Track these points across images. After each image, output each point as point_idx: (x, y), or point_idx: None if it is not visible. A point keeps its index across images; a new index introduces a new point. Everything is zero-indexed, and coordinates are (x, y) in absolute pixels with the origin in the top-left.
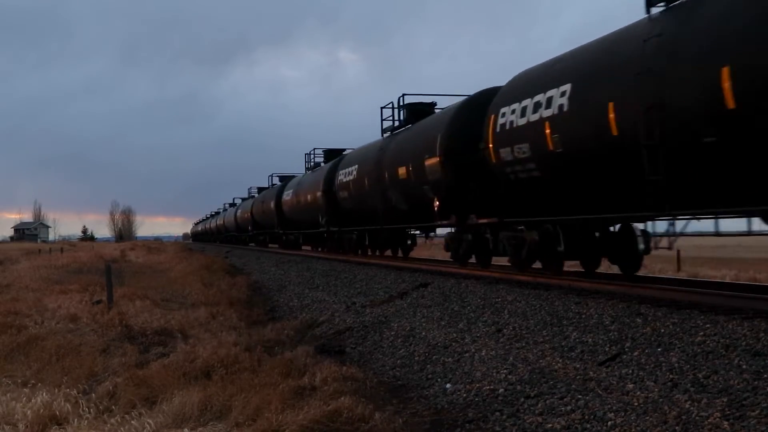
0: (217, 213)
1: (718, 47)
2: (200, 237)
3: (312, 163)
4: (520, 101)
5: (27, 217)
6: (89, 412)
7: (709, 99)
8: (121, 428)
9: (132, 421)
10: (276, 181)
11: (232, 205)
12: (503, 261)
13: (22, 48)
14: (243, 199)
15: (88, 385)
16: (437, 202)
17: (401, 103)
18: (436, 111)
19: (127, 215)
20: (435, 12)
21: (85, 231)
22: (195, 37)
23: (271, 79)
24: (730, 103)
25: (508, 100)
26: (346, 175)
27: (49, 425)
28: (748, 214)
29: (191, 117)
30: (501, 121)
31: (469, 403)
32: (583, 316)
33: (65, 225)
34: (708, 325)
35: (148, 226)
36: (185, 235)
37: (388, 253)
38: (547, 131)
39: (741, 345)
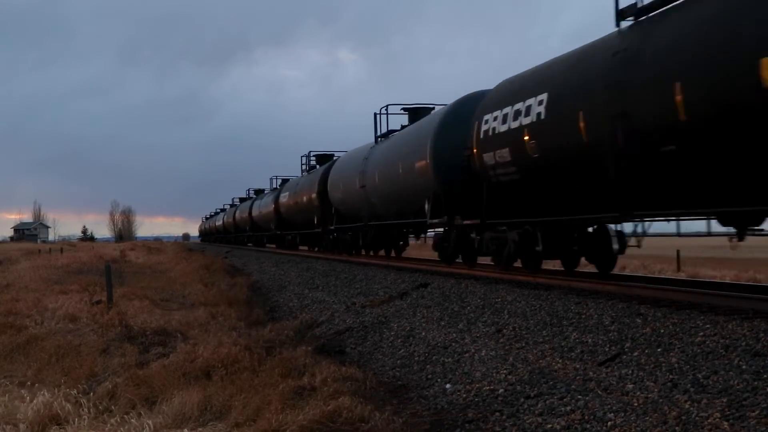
0: (222, 210)
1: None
2: (211, 236)
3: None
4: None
5: (27, 217)
6: (89, 412)
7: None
8: (121, 428)
9: (132, 421)
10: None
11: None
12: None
13: (22, 48)
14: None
15: (88, 385)
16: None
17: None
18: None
19: (127, 215)
20: (435, 12)
21: (84, 231)
22: (195, 37)
23: (270, 79)
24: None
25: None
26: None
27: (49, 425)
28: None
29: (191, 117)
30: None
31: (469, 404)
32: (583, 316)
33: (65, 225)
34: (708, 326)
35: (148, 227)
36: (185, 235)
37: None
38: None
39: (741, 345)
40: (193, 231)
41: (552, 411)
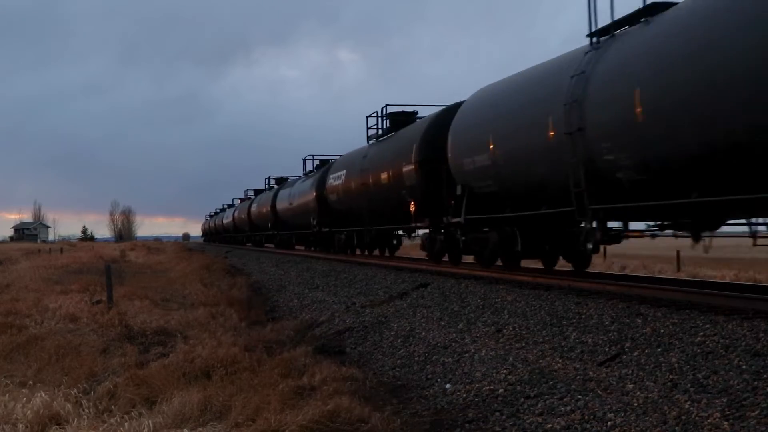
0: (231, 206)
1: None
2: (218, 236)
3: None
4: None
5: (27, 217)
6: (89, 412)
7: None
8: (121, 428)
9: (132, 421)
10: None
11: (245, 199)
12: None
13: (21, 47)
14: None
15: (88, 385)
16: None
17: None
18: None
19: (127, 215)
20: (435, 12)
21: (84, 231)
22: (195, 37)
23: (270, 79)
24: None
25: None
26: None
27: (48, 425)
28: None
29: (191, 117)
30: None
31: (469, 404)
32: (583, 316)
33: (65, 225)
34: (708, 326)
35: (148, 227)
36: (185, 235)
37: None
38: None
39: (741, 345)
40: (193, 231)
41: (552, 411)
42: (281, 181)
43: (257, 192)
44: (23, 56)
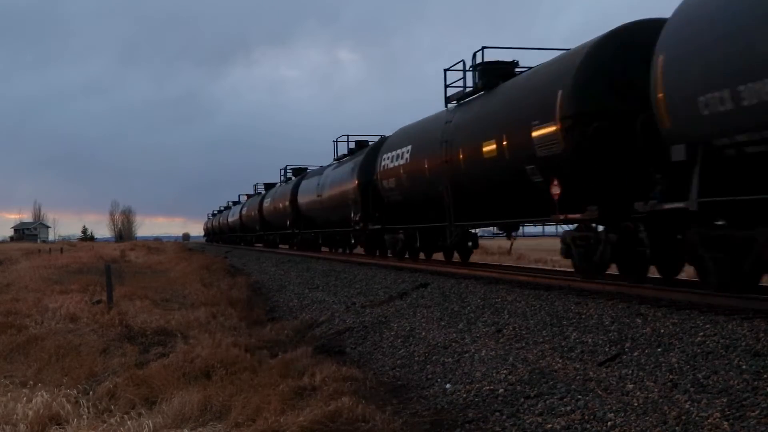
0: (236, 203)
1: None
2: (222, 236)
3: (285, 177)
4: (392, 151)
5: (27, 217)
6: (89, 412)
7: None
8: (121, 428)
9: (132, 421)
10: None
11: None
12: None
13: (21, 47)
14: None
15: (88, 385)
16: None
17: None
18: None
19: (127, 215)
20: (435, 12)
21: (84, 231)
22: (195, 37)
23: (270, 79)
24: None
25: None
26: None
27: (48, 425)
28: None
29: (191, 117)
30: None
31: (469, 404)
32: (583, 316)
33: (65, 225)
34: (708, 326)
35: (148, 227)
36: (185, 235)
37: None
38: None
39: (741, 345)
40: (193, 231)
41: (552, 411)
42: (299, 172)
43: (269, 186)
44: (23, 56)
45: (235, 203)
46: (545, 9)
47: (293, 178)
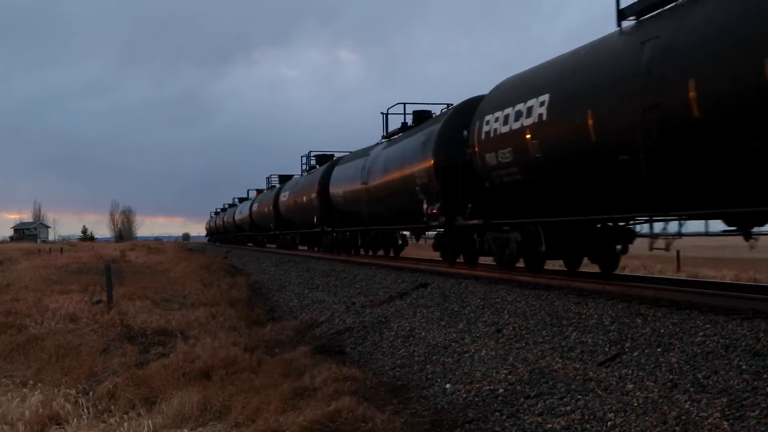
0: (245, 200)
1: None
2: (227, 235)
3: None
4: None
5: (27, 217)
6: (89, 412)
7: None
8: (121, 428)
9: (131, 422)
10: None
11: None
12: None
13: (21, 47)
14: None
15: (87, 385)
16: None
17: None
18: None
19: (127, 215)
20: (435, 12)
21: (84, 231)
22: (194, 37)
23: (270, 79)
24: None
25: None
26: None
27: (48, 425)
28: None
29: (191, 117)
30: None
31: (469, 404)
32: (583, 316)
33: (65, 225)
34: (708, 326)
35: (148, 226)
36: (185, 235)
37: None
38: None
39: (741, 345)
40: (194, 231)
41: (552, 411)
42: (325, 160)
43: (284, 178)
44: (23, 56)
45: (242, 199)
46: (545, 9)
47: (318, 166)
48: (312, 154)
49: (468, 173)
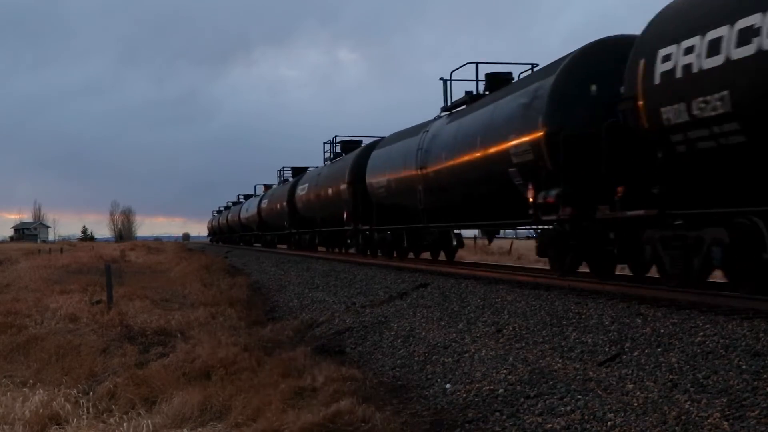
0: (253, 196)
1: None
2: (233, 235)
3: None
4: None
5: (27, 217)
6: (89, 412)
7: None
8: (121, 428)
9: (131, 421)
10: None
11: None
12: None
13: (21, 47)
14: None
15: (87, 385)
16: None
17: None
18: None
19: (127, 215)
20: (435, 12)
21: (84, 231)
22: (194, 37)
23: (270, 79)
24: None
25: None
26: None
27: (48, 425)
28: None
29: (191, 117)
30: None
31: (469, 404)
32: (583, 316)
33: (65, 225)
34: (708, 326)
35: (148, 226)
36: (185, 235)
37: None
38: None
39: (741, 345)
40: (194, 231)
41: (552, 411)
42: (354, 146)
43: (297, 171)
44: (23, 56)
45: (248, 196)
46: (545, 9)
47: (344, 154)
48: (337, 139)
49: (616, 141)
